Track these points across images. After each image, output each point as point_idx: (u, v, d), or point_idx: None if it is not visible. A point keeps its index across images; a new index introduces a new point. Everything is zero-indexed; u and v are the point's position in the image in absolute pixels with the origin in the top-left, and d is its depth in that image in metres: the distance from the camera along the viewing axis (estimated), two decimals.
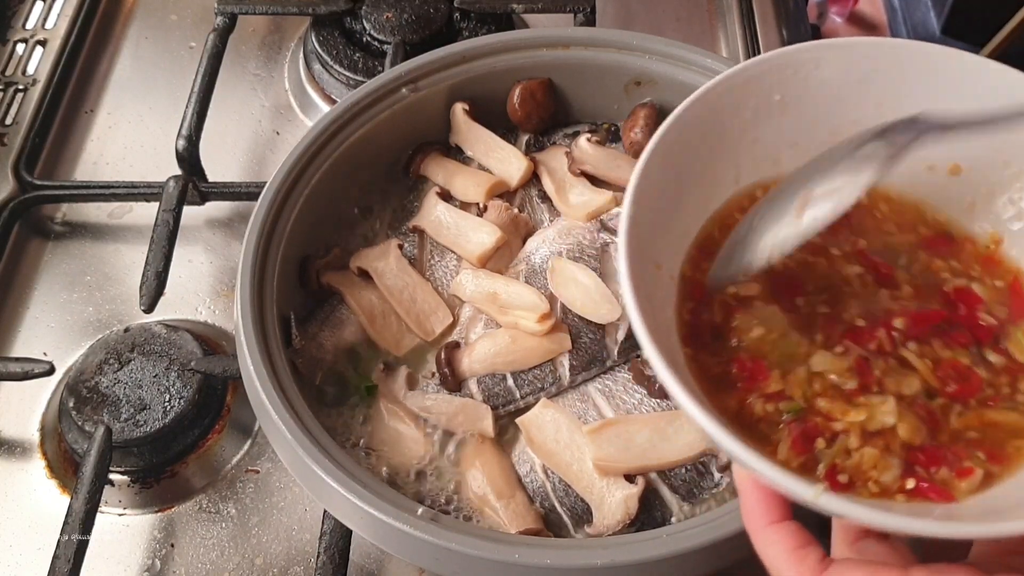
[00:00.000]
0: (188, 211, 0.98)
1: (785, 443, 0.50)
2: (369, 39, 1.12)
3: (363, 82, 0.87)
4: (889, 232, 0.59)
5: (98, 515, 0.78)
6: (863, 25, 2.70)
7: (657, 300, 0.53)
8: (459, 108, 0.88)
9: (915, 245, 0.58)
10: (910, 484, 0.49)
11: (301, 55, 1.17)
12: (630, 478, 0.70)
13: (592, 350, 0.76)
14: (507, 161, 0.87)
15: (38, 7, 1.21)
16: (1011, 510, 0.46)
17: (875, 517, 0.43)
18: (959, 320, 0.54)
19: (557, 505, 0.71)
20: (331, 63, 1.11)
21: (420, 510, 0.63)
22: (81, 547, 0.75)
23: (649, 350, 0.47)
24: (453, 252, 0.83)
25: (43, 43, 1.17)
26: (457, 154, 0.90)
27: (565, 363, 0.76)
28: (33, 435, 0.88)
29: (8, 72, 1.14)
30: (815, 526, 0.48)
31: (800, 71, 0.57)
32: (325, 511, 0.73)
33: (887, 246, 0.58)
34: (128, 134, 1.13)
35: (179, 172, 0.99)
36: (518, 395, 0.76)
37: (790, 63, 0.57)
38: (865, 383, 0.51)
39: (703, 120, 0.56)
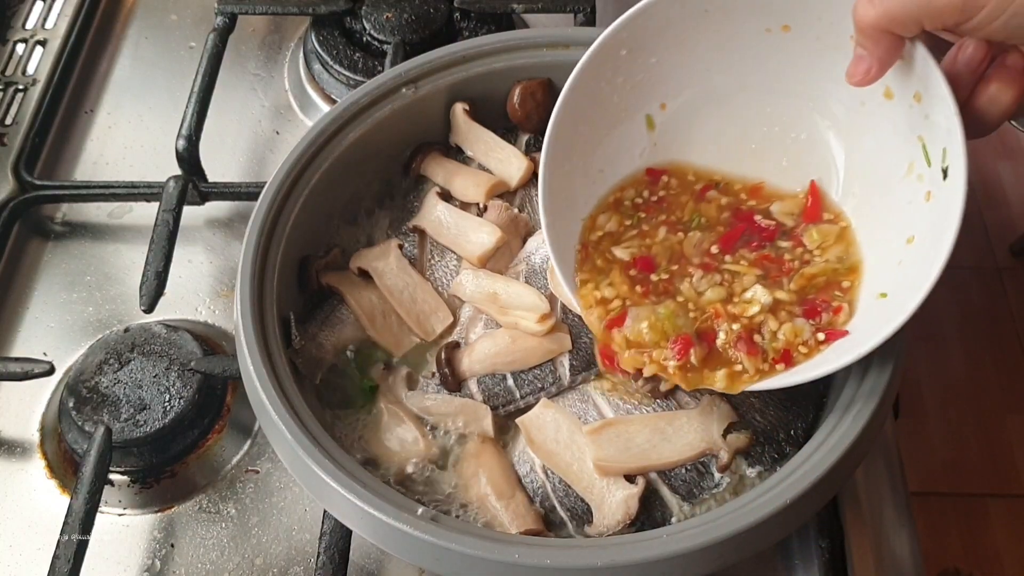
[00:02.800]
0: (188, 211, 0.97)
1: (743, 355, 0.67)
2: (369, 39, 1.12)
3: (363, 82, 0.87)
4: (684, 202, 0.78)
5: (98, 515, 0.78)
6: None
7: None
8: (459, 108, 0.88)
9: (693, 198, 0.78)
10: (821, 336, 0.67)
11: (301, 55, 1.17)
12: (630, 478, 0.70)
13: (592, 350, 0.76)
14: (507, 161, 0.87)
15: (38, 7, 1.21)
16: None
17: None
18: (751, 231, 0.75)
19: (557, 505, 0.71)
20: (331, 63, 1.11)
21: (420, 510, 0.63)
22: (81, 547, 0.75)
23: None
24: (453, 252, 0.83)
25: (43, 43, 1.17)
26: (457, 154, 0.90)
27: (565, 363, 0.76)
28: (33, 435, 0.88)
29: (8, 72, 1.14)
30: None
31: None
32: (325, 511, 0.73)
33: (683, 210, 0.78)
34: (128, 134, 1.12)
35: (179, 172, 0.99)
36: (518, 395, 0.76)
37: None
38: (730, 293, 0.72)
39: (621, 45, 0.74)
